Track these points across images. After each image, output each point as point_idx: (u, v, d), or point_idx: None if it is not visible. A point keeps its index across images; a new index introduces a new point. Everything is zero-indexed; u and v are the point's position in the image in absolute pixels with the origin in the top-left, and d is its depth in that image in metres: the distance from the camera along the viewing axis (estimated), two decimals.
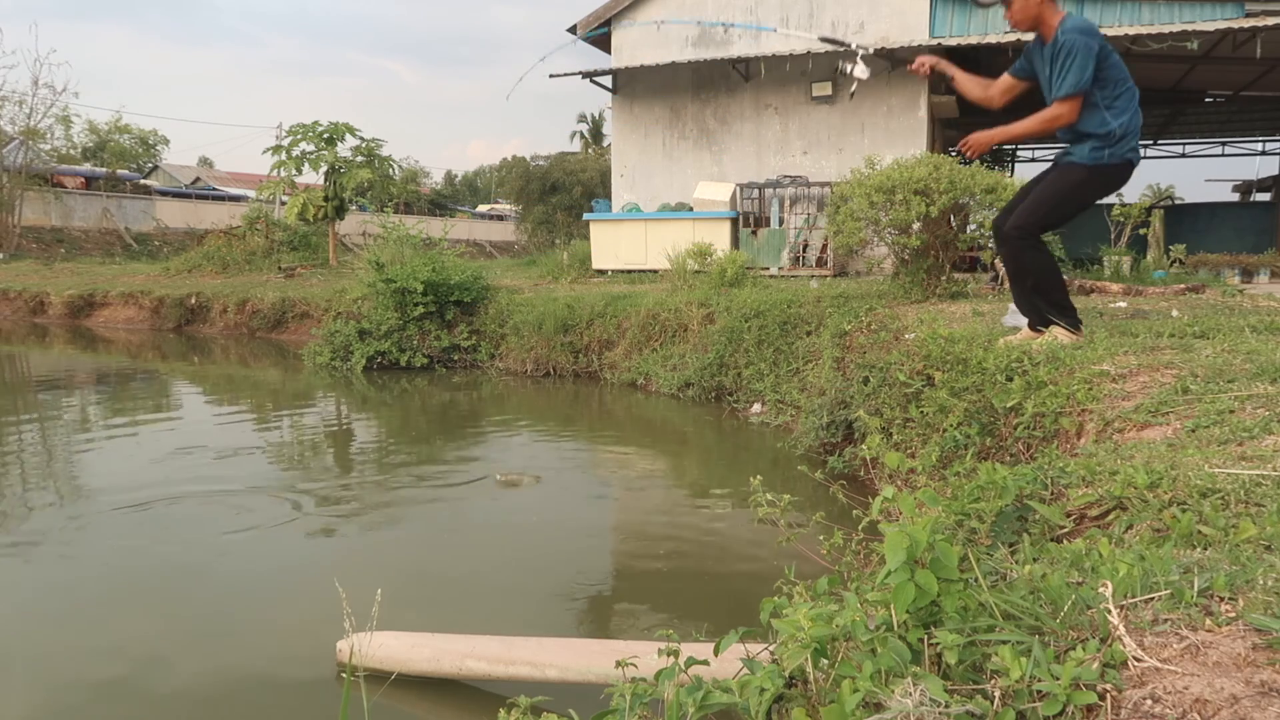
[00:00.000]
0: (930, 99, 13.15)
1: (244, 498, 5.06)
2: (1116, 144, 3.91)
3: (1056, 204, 4.06)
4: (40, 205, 28.76)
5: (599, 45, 15.49)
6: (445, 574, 3.96)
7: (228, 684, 2.97)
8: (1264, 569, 1.41)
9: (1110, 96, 3.90)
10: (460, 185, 63.62)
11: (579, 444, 6.86)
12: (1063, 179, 4.06)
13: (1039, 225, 4.10)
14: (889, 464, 2.13)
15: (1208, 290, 7.42)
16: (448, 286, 10.52)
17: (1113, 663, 1.19)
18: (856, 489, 4.40)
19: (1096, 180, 4.00)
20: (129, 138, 43.35)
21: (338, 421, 8.07)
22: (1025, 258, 4.14)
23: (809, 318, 7.84)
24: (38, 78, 31.48)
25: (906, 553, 1.35)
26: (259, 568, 4.03)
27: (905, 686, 1.21)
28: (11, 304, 17.28)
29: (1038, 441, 3.26)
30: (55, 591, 3.76)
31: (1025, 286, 4.29)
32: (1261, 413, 2.45)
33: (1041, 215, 4.08)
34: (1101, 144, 3.91)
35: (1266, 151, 22.32)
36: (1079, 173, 3.99)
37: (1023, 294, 4.35)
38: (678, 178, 14.59)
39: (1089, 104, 3.91)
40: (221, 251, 18.71)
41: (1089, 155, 3.94)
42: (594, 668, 2.65)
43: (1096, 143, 3.91)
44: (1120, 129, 3.89)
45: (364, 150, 18.31)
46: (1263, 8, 11.44)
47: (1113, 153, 3.92)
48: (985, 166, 7.21)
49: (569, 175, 29.85)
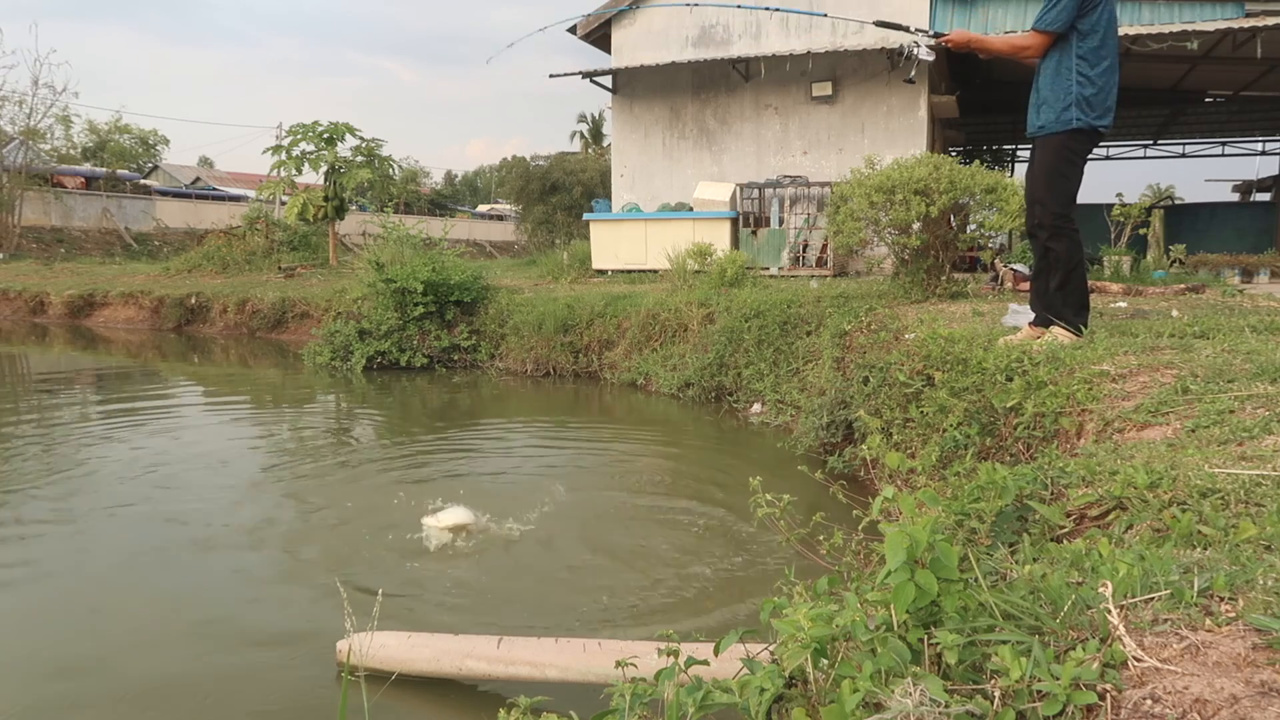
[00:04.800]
0: (930, 99, 13.15)
1: (244, 497, 5.06)
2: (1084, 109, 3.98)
3: (1051, 175, 4.11)
4: (40, 205, 28.76)
5: (599, 45, 15.49)
6: (445, 574, 3.96)
7: (228, 684, 2.97)
8: (1264, 569, 1.41)
9: (1089, 49, 3.95)
10: (460, 185, 63.61)
11: (578, 444, 6.86)
12: (1046, 151, 4.13)
13: (1057, 202, 4.11)
14: (889, 464, 2.13)
15: (1208, 290, 7.42)
16: (448, 286, 10.52)
17: (1113, 663, 1.19)
18: (856, 489, 4.40)
19: (1073, 142, 4.06)
20: (129, 138, 43.34)
21: (337, 421, 8.07)
22: (1058, 245, 4.13)
23: (809, 318, 7.84)
24: (38, 78, 31.54)
25: (906, 553, 1.35)
26: (258, 567, 4.03)
27: (905, 686, 1.21)
28: (11, 304, 17.28)
29: (1038, 441, 3.26)
30: (54, 591, 3.76)
31: (1047, 282, 4.29)
32: (1261, 413, 2.45)
33: (1048, 192, 4.12)
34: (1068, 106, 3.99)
35: (1266, 151, 22.35)
36: (1055, 140, 4.08)
37: (1042, 290, 4.34)
38: (678, 178, 14.59)
39: (1063, 62, 3.98)
40: (221, 251, 18.70)
41: (1058, 120, 4.03)
42: (594, 668, 2.65)
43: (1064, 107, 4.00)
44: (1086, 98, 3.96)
45: (364, 150, 18.32)
46: (1263, 8, 11.45)
47: (1079, 118, 3.99)
48: (985, 166, 7.22)
49: (569, 175, 29.83)
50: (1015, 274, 8.81)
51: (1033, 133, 4.21)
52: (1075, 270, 4.20)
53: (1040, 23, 3.99)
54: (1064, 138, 4.05)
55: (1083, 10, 3.92)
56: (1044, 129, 4.12)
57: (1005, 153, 23.39)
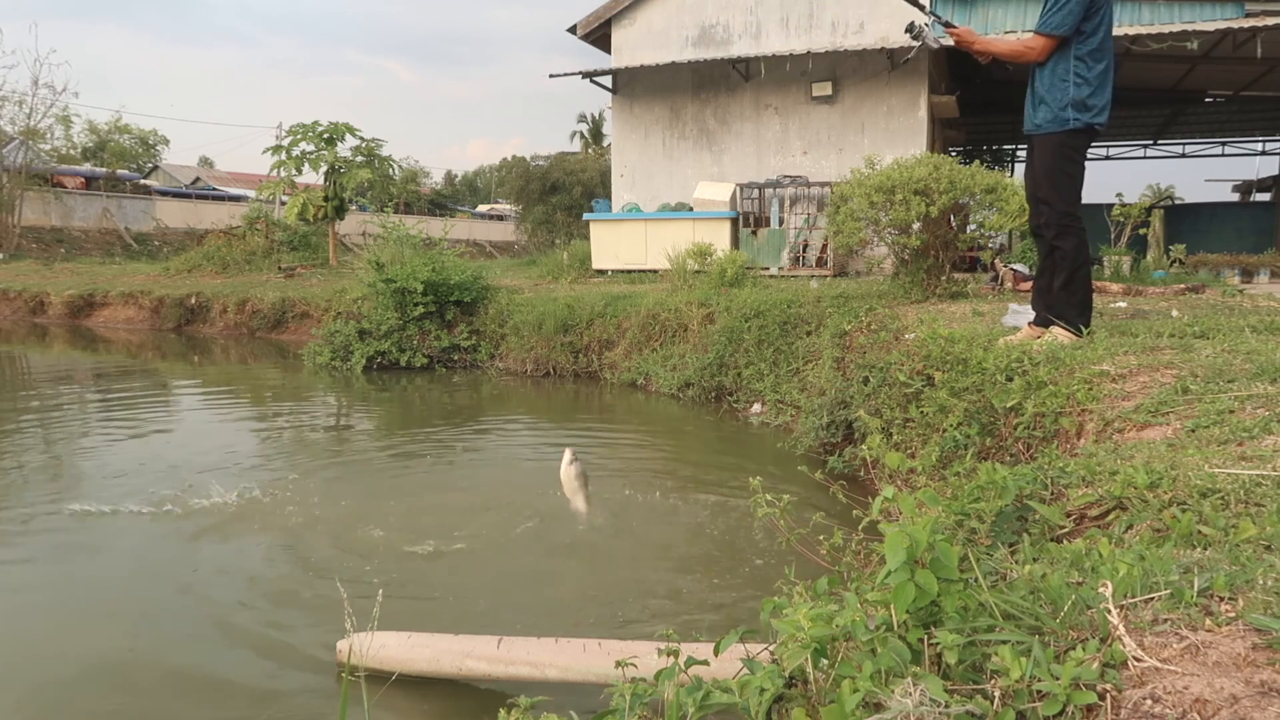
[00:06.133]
0: (930, 99, 13.16)
1: (243, 497, 5.05)
2: (1079, 109, 4.00)
3: (1054, 174, 4.13)
4: (40, 205, 28.76)
5: (599, 45, 15.49)
6: (445, 575, 3.96)
7: (228, 684, 2.97)
8: (1264, 569, 1.41)
9: (1087, 51, 3.97)
10: (460, 185, 63.58)
11: (578, 444, 6.85)
12: (1045, 150, 4.15)
13: (1062, 200, 4.12)
14: (889, 464, 2.13)
15: (1208, 290, 7.42)
16: (448, 286, 10.52)
17: (1113, 663, 1.19)
18: (856, 489, 4.40)
19: (1070, 140, 4.08)
20: (129, 138, 43.35)
21: (337, 421, 8.07)
22: (1066, 243, 4.13)
23: (809, 318, 7.84)
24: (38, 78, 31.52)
25: (906, 553, 1.35)
26: (258, 567, 4.03)
27: (905, 686, 1.21)
28: (11, 304, 17.28)
29: (1038, 441, 3.26)
30: (54, 590, 3.76)
31: (1048, 281, 4.29)
32: (1261, 413, 2.45)
33: (1054, 190, 4.13)
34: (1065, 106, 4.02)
35: (1266, 151, 22.35)
36: (1052, 139, 4.10)
37: (1044, 289, 4.34)
38: (678, 178, 14.60)
39: (1060, 63, 4.00)
40: (221, 251, 18.71)
41: (1054, 121, 4.06)
42: (594, 668, 2.65)
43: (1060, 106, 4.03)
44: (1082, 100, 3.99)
45: (364, 150, 18.31)
46: (1263, 8, 11.45)
47: (1076, 117, 4.01)
48: (985, 166, 7.22)
49: (569, 175, 29.84)
50: (1015, 274, 8.82)
51: (1030, 130, 4.23)
52: (1080, 270, 4.20)
53: (1045, 26, 3.99)
54: (1063, 137, 4.07)
55: (1087, 14, 3.93)
56: (1040, 128, 4.14)
57: (1005, 153, 23.40)
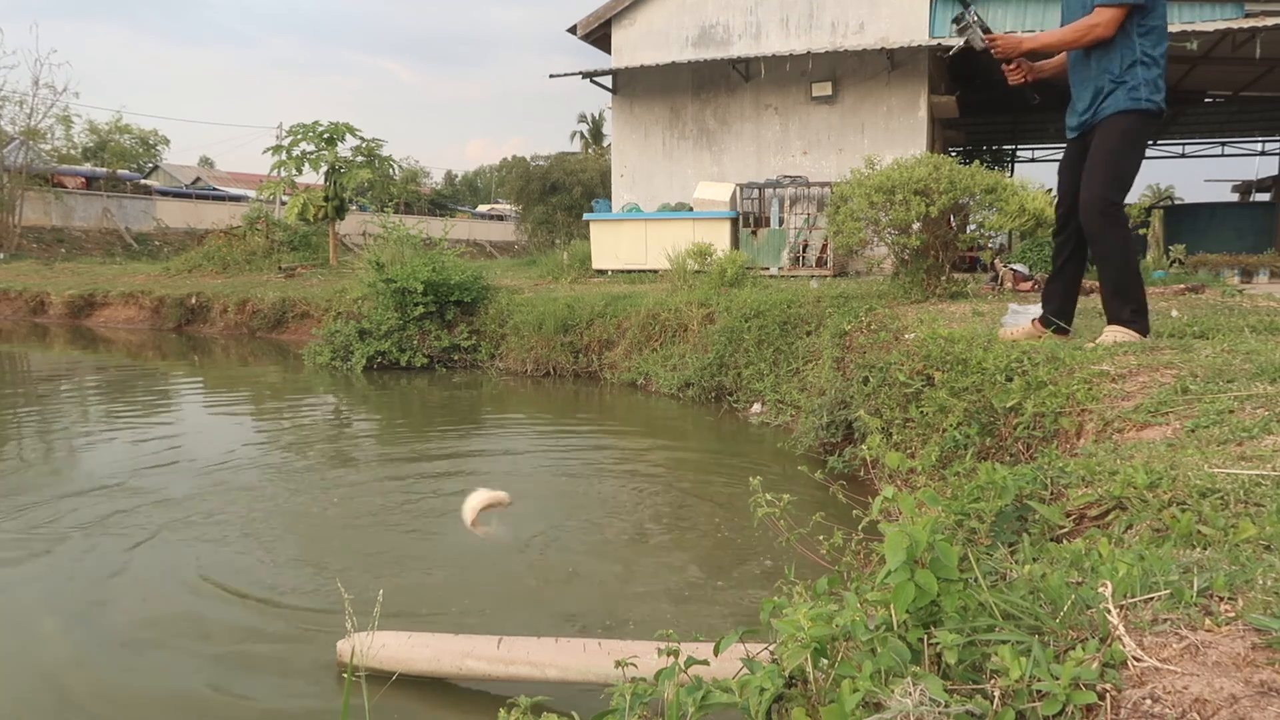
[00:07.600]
0: (930, 99, 13.16)
1: (242, 497, 5.05)
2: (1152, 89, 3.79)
3: (1113, 157, 3.84)
4: (40, 205, 28.77)
5: (599, 45, 15.49)
6: (446, 574, 3.96)
7: (229, 684, 2.97)
8: (1264, 569, 1.41)
9: (1150, 27, 3.77)
10: (460, 185, 63.60)
11: (578, 444, 6.86)
12: (1110, 134, 3.85)
13: (1111, 188, 3.84)
14: (889, 464, 2.13)
15: (1207, 290, 7.43)
16: (448, 286, 10.52)
17: (1112, 662, 1.19)
18: (856, 489, 4.39)
19: (1140, 124, 3.84)
20: (129, 138, 43.35)
21: (337, 421, 8.07)
22: (1110, 238, 3.87)
23: (809, 318, 7.84)
24: (38, 78, 31.60)
25: (906, 553, 1.35)
26: (258, 567, 4.03)
27: (905, 686, 1.21)
28: (12, 304, 17.28)
29: (1038, 441, 3.26)
30: (51, 589, 3.76)
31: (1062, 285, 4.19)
32: (1261, 413, 2.45)
33: (1108, 177, 3.84)
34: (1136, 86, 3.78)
35: (1266, 151, 22.36)
36: (1122, 120, 3.83)
37: (1057, 292, 4.25)
38: (678, 178, 14.60)
39: (1124, 42, 3.77)
40: (222, 251, 18.71)
41: (1126, 100, 3.79)
42: (594, 668, 2.65)
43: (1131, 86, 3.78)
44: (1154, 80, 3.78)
45: (364, 150, 18.32)
46: (1263, 8, 11.46)
47: (1149, 98, 3.79)
48: (985, 166, 7.22)
49: (569, 175, 29.87)
50: (1015, 274, 8.82)
51: (1085, 121, 3.95)
52: (1126, 268, 3.92)
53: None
54: (1134, 118, 3.81)
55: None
56: (1102, 113, 3.86)
57: (1005, 153, 23.40)
